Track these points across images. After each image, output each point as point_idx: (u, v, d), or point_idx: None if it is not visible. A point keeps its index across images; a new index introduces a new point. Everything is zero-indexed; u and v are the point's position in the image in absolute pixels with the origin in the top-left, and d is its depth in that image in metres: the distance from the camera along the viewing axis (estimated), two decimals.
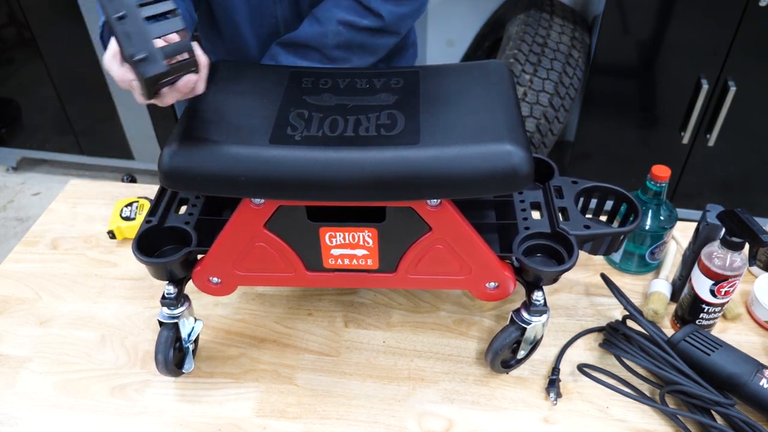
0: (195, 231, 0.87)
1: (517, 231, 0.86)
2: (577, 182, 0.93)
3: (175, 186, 0.77)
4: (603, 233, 0.86)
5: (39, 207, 2.56)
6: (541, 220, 0.88)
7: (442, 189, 0.74)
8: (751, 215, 0.85)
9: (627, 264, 1.07)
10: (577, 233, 0.84)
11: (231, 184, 0.74)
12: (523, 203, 0.91)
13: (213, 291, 0.89)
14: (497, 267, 0.84)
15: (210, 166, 0.73)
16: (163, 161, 0.74)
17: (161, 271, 0.85)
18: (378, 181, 0.72)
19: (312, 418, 0.87)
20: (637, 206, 0.89)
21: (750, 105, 1.95)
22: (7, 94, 2.46)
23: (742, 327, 0.99)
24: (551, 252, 0.86)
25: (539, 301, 0.84)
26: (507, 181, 0.73)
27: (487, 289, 0.86)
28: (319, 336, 0.98)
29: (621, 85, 2.02)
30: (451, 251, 0.82)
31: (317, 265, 0.85)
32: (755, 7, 1.78)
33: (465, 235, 0.81)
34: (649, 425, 0.86)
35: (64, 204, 1.24)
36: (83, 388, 0.91)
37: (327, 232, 0.81)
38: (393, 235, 0.81)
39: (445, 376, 0.92)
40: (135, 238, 0.84)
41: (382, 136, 0.75)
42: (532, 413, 0.87)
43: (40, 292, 1.06)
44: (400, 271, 0.85)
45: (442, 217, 0.79)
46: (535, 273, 0.83)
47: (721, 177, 2.16)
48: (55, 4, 2.16)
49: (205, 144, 0.74)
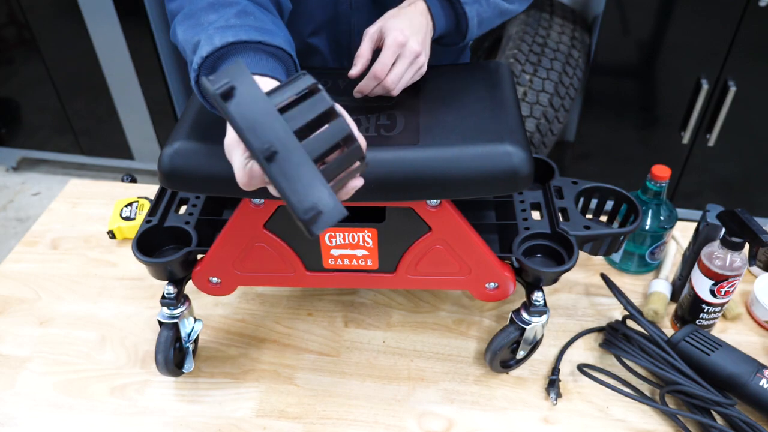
0: (195, 231, 0.87)
1: (517, 231, 0.86)
2: (578, 182, 0.93)
3: (174, 186, 0.77)
4: (603, 234, 0.86)
5: (39, 207, 2.56)
6: (541, 221, 0.88)
7: (442, 189, 0.74)
8: (751, 215, 0.85)
9: (627, 264, 1.07)
10: (577, 234, 0.84)
11: (231, 185, 0.73)
12: (523, 203, 0.91)
13: (213, 291, 0.88)
14: (497, 267, 0.84)
15: (210, 167, 0.73)
16: (163, 161, 0.74)
17: (161, 271, 0.85)
18: (378, 181, 0.72)
19: (312, 418, 0.87)
20: (637, 207, 0.89)
21: (750, 105, 1.95)
22: (7, 94, 2.46)
23: (742, 327, 0.99)
24: (551, 252, 0.86)
25: (539, 302, 0.83)
26: (507, 181, 0.73)
27: (487, 289, 0.86)
28: (319, 336, 0.98)
29: (621, 85, 2.02)
30: (451, 251, 0.82)
31: (317, 265, 0.85)
32: (755, 7, 1.78)
33: (464, 236, 0.81)
34: (649, 425, 0.86)
35: (64, 204, 1.24)
36: (83, 388, 0.91)
37: (327, 233, 0.81)
38: (393, 235, 0.81)
39: (445, 376, 0.92)
40: (135, 237, 0.84)
41: (382, 137, 0.75)
42: (532, 413, 0.87)
43: (40, 292, 1.06)
44: (400, 271, 0.85)
45: (441, 217, 0.79)
46: (534, 273, 0.83)
47: (721, 177, 2.16)
48: (55, 4, 2.16)
49: (205, 144, 0.74)
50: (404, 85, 0.80)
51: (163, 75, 2.28)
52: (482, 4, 0.86)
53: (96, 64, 2.27)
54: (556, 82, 2.03)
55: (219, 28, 0.68)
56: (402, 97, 0.83)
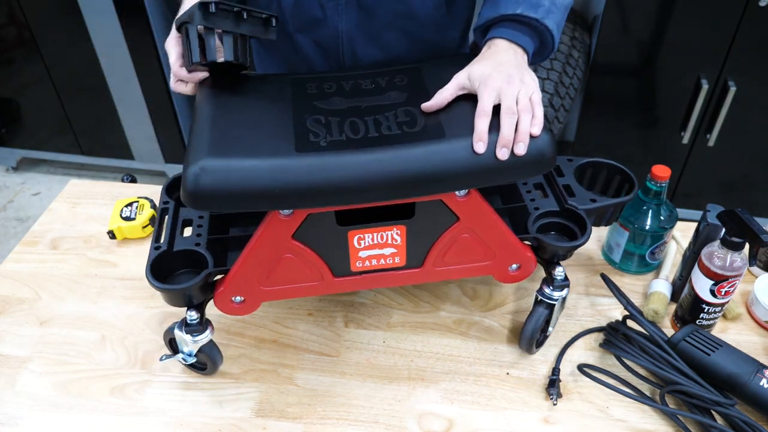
0: (208, 252, 0.84)
1: (528, 212, 0.90)
2: (573, 160, 0.98)
3: (204, 206, 0.74)
4: (608, 205, 0.91)
5: (39, 207, 2.56)
6: (548, 200, 0.92)
7: (473, 179, 0.75)
8: (751, 215, 0.85)
9: (627, 264, 1.07)
10: (586, 207, 0.89)
11: (264, 198, 0.72)
12: (527, 185, 0.95)
13: (235, 311, 0.85)
14: (520, 248, 0.87)
15: (241, 182, 0.71)
16: (188, 183, 0.70)
17: (179, 297, 0.82)
18: (413, 177, 0.73)
19: (312, 418, 0.87)
20: (632, 177, 0.96)
21: (750, 105, 1.95)
22: (7, 94, 2.46)
23: (742, 327, 0.99)
24: (562, 228, 0.90)
25: (560, 276, 0.88)
26: (535, 164, 0.76)
27: (510, 271, 0.89)
28: (319, 336, 0.98)
29: (621, 85, 2.02)
30: (477, 238, 0.84)
31: (345, 269, 0.84)
32: (755, 7, 1.78)
33: (492, 221, 0.83)
34: (649, 425, 0.86)
35: (64, 204, 1.24)
36: (83, 388, 0.91)
37: (356, 235, 0.80)
38: (422, 229, 0.82)
39: (445, 376, 0.92)
40: (148, 265, 0.81)
41: (407, 134, 0.76)
42: (532, 413, 0.87)
43: (40, 292, 1.06)
44: (427, 264, 0.86)
45: (470, 206, 0.81)
46: (552, 250, 0.86)
47: (721, 177, 2.16)
48: (55, 4, 2.16)
49: (232, 160, 0.71)
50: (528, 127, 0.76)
51: (163, 75, 2.28)
52: (554, 11, 0.85)
53: (96, 64, 2.27)
54: (556, 82, 2.03)
55: None
56: (412, 93, 0.83)
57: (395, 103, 0.81)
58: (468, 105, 0.78)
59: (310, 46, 1.01)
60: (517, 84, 0.77)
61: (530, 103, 0.76)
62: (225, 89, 0.86)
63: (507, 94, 0.75)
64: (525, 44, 0.83)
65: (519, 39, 0.83)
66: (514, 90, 0.76)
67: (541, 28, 0.84)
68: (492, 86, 0.76)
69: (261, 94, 0.86)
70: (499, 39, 0.83)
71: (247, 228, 0.92)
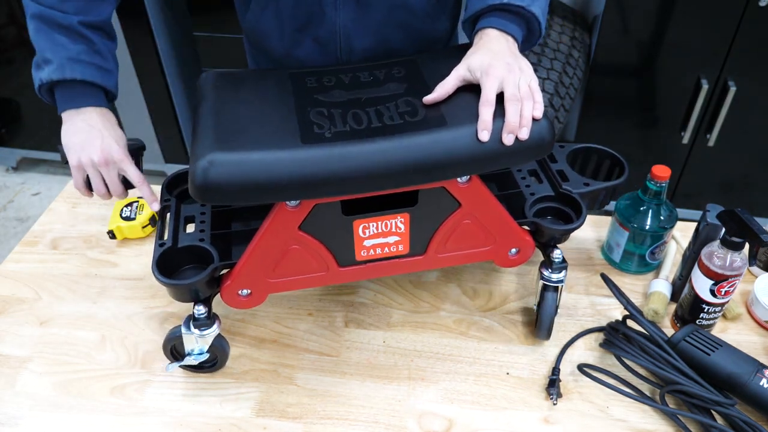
0: (213, 246, 0.85)
1: (524, 198, 0.92)
2: (564, 146, 1.01)
3: (213, 200, 0.75)
4: (601, 188, 0.95)
5: (39, 207, 2.56)
6: (542, 185, 0.95)
7: (477, 165, 0.77)
8: (751, 215, 0.85)
9: (627, 264, 1.07)
10: (580, 191, 0.91)
11: (273, 190, 0.73)
12: (521, 171, 0.98)
13: (242, 304, 0.87)
14: (519, 233, 0.89)
15: (250, 174, 0.71)
16: (197, 176, 0.71)
17: (186, 292, 0.83)
18: (419, 165, 0.74)
19: (312, 418, 0.87)
20: (622, 161, 1.00)
21: (750, 105, 1.95)
22: (7, 94, 2.46)
23: (742, 327, 0.99)
24: (557, 213, 0.93)
25: (558, 258, 0.90)
26: (536, 148, 0.77)
27: (510, 256, 0.91)
28: (319, 336, 0.98)
29: (621, 85, 2.02)
30: (478, 224, 0.86)
31: (350, 259, 0.85)
32: (755, 7, 1.78)
33: (493, 207, 0.85)
34: (649, 425, 0.86)
35: (64, 204, 1.24)
36: (83, 388, 0.91)
37: (361, 224, 0.82)
38: (425, 216, 0.83)
39: (445, 376, 0.92)
40: (154, 262, 0.82)
41: (409, 123, 0.77)
42: (532, 413, 0.87)
43: (40, 292, 1.06)
44: (430, 252, 0.87)
45: (471, 192, 0.82)
46: (550, 233, 0.89)
47: (721, 177, 2.16)
48: None
49: (240, 153, 0.72)
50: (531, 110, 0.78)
51: (163, 75, 2.28)
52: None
53: None
54: (556, 82, 2.03)
55: (70, 59, 0.89)
56: (410, 85, 0.84)
57: (395, 94, 0.82)
58: (467, 93, 0.80)
59: (308, 44, 1.02)
60: (517, 72, 0.79)
61: (530, 90, 0.78)
62: (226, 85, 0.87)
63: (509, 83, 0.78)
64: (514, 32, 0.85)
65: (508, 27, 0.85)
66: (515, 78, 0.78)
67: (528, 15, 0.86)
68: (494, 75, 0.78)
69: (262, 89, 0.86)
70: (489, 29, 0.85)
71: (249, 222, 0.93)
